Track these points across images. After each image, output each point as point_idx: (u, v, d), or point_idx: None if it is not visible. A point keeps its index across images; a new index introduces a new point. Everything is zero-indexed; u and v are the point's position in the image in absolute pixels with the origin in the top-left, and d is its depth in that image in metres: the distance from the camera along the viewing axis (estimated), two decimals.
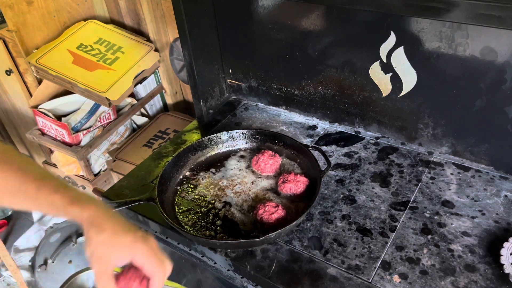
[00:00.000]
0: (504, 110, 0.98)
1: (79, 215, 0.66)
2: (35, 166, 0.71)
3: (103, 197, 1.17)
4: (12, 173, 0.67)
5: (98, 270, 0.65)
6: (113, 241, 0.64)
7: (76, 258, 2.00)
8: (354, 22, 1.08)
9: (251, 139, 1.22)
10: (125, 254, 0.64)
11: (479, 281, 0.84)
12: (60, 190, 0.67)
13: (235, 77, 1.44)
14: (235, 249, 0.96)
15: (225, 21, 1.31)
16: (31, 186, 0.67)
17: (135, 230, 0.66)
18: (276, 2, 1.19)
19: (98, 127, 1.98)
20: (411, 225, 0.97)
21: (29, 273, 2.04)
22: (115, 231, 0.64)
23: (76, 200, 0.66)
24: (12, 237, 2.35)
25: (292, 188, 1.04)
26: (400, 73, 1.08)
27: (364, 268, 0.89)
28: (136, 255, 0.65)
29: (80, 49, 1.96)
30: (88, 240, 0.65)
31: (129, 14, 2.06)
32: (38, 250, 2.05)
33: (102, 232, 0.64)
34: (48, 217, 2.20)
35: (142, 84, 2.04)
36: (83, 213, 0.65)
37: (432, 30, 0.97)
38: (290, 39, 1.23)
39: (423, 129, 1.14)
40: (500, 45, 0.91)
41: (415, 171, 1.11)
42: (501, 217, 0.96)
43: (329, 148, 1.22)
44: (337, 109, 1.27)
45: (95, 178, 2.07)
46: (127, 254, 0.64)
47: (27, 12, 1.89)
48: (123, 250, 0.64)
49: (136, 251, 0.64)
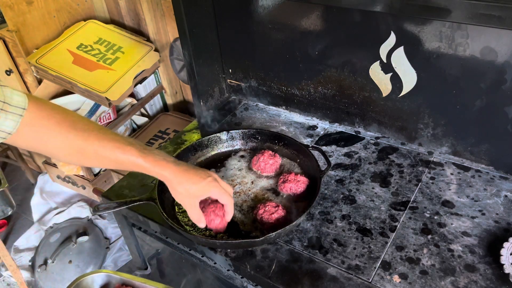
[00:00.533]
0: (504, 110, 0.98)
1: (160, 174, 0.85)
2: (111, 132, 0.85)
3: (103, 197, 1.17)
4: (94, 139, 0.80)
5: (189, 206, 0.89)
6: (192, 186, 0.86)
7: (76, 258, 1.99)
8: (354, 22, 1.08)
9: (251, 139, 1.22)
10: (203, 192, 0.88)
11: (479, 281, 0.84)
12: (143, 155, 0.83)
13: (235, 77, 1.44)
14: (235, 249, 0.96)
15: (225, 21, 1.31)
16: (117, 152, 0.81)
17: (201, 172, 0.88)
18: (276, 2, 1.19)
19: None
20: (411, 225, 0.97)
21: (29, 273, 2.04)
22: (189, 179, 0.86)
23: (156, 161, 0.84)
24: (12, 237, 2.35)
25: (293, 188, 1.04)
26: (400, 73, 1.08)
27: (364, 268, 0.89)
28: (211, 191, 0.88)
29: (80, 49, 1.96)
30: (174, 190, 0.88)
31: (129, 14, 2.06)
32: (38, 250, 2.05)
33: (181, 183, 0.86)
34: (48, 217, 2.20)
35: (142, 84, 2.04)
36: (164, 172, 0.85)
37: (432, 30, 0.97)
38: (290, 39, 1.23)
39: (423, 129, 1.14)
40: (500, 45, 0.91)
41: (415, 171, 1.11)
42: (501, 217, 0.96)
43: (329, 148, 1.22)
44: (337, 109, 1.27)
45: (95, 178, 2.07)
46: (204, 191, 0.88)
47: (27, 12, 1.89)
48: (200, 190, 0.87)
49: (210, 188, 0.87)
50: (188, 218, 1.03)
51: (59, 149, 0.80)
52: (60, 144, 0.79)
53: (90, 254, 2.02)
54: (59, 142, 0.79)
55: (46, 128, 0.77)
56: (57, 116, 0.78)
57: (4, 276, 2.07)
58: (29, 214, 2.36)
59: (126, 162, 0.83)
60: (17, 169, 2.71)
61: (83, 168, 2.02)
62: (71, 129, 0.78)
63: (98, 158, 0.82)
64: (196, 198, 0.88)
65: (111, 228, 2.14)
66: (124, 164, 0.84)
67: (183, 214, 1.04)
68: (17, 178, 2.73)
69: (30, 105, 0.74)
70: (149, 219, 1.08)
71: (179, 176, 0.85)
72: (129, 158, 0.82)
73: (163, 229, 1.07)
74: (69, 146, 0.79)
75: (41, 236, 2.14)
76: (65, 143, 0.79)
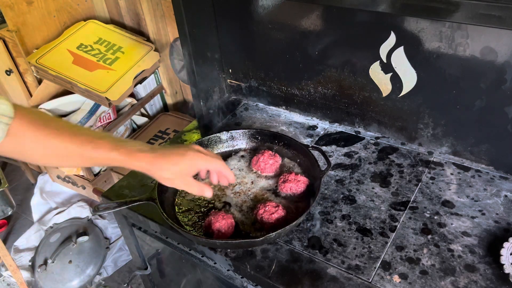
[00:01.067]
0: (504, 110, 0.98)
1: (138, 165, 0.82)
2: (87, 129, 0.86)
3: (103, 197, 1.17)
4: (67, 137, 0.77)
5: (183, 185, 0.87)
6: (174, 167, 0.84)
7: (76, 258, 2.00)
8: (354, 22, 1.08)
9: (251, 139, 1.22)
10: (189, 168, 0.85)
11: (479, 281, 0.84)
12: (116, 147, 0.79)
13: (235, 77, 1.44)
14: (235, 249, 0.96)
15: (225, 21, 1.31)
16: (88, 148, 0.78)
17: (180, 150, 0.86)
18: (276, 2, 1.19)
19: (98, 127, 1.98)
20: (411, 225, 0.97)
21: (29, 273, 2.04)
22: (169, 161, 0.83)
23: (131, 153, 0.80)
24: (12, 237, 2.35)
25: (293, 188, 1.04)
26: (400, 73, 1.08)
27: (364, 268, 0.89)
28: (197, 164, 0.86)
29: (80, 49, 1.96)
30: (159, 177, 0.85)
31: (129, 14, 2.06)
32: (38, 250, 2.05)
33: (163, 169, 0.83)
34: (48, 217, 2.20)
35: (142, 84, 2.04)
36: (140, 163, 0.81)
37: (432, 30, 0.97)
38: (290, 39, 1.23)
39: (423, 129, 1.14)
40: (500, 45, 0.91)
41: (415, 171, 1.11)
42: (501, 217, 0.96)
43: (329, 148, 1.23)
44: (337, 109, 1.27)
45: (95, 178, 2.07)
46: (190, 167, 0.85)
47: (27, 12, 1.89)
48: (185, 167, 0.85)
49: (194, 161, 0.85)
50: (188, 218, 1.03)
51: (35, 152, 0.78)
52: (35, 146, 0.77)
53: (90, 254, 2.02)
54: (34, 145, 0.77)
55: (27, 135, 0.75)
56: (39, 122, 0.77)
57: (4, 276, 2.07)
58: (29, 214, 2.36)
59: (101, 157, 0.80)
60: (17, 169, 2.71)
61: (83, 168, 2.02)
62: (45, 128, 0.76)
63: (73, 157, 0.79)
64: (186, 176, 0.86)
65: (111, 228, 2.14)
66: (100, 160, 0.82)
67: (183, 214, 1.04)
68: (17, 178, 2.73)
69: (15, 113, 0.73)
70: (149, 219, 1.08)
71: (158, 163, 0.82)
72: (103, 153, 0.79)
73: (163, 229, 1.07)
74: (44, 147, 0.77)
75: (41, 236, 2.14)
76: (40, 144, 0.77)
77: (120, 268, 2.13)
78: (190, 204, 1.07)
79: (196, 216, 1.04)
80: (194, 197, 1.09)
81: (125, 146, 0.81)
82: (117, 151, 0.79)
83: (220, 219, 0.94)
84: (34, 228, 2.20)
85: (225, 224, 0.94)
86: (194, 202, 1.08)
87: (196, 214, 1.04)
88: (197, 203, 1.07)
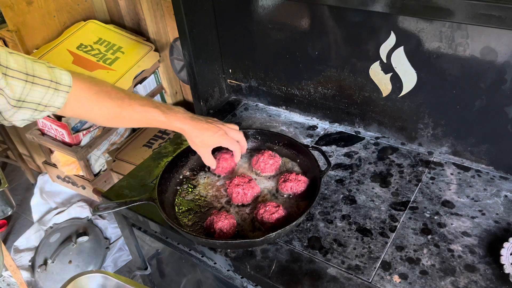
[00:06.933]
0: (504, 110, 0.98)
1: (180, 127, 1.01)
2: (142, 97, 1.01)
3: (103, 197, 1.17)
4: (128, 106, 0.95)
5: (203, 153, 1.07)
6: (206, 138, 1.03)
7: (76, 258, 2.00)
8: (354, 22, 1.08)
9: (251, 139, 1.22)
10: (215, 142, 1.05)
11: (479, 281, 0.84)
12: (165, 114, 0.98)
13: (235, 77, 1.44)
14: (235, 249, 0.96)
15: (225, 21, 1.32)
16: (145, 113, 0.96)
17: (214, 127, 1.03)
18: (276, 2, 1.19)
19: (98, 127, 1.98)
20: (411, 225, 0.97)
21: (29, 273, 2.04)
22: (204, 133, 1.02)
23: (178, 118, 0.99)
24: (12, 237, 2.35)
25: (293, 187, 1.04)
26: (400, 73, 1.08)
27: (364, 268, 0.89)
28: (222, 142, 1.05)
29: (80, 49, 1.96)
30: (191, 141, 1.05)
31: (129, 14, 2.06)
32: (38, 250, 2.05)
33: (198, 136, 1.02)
34: (48, 217, 2.21)
35: (142, 84, 2.04)
36: (183, 126, 1.00)
37: (432, 30, 0.97)
38: (290, 39, 1.23)
39: (423, 129, 1.14)
40: (500, 45, 0.91)
41: (415, 171, 1.11)
42: (501, 217, 0.96)
43: (329, 148, 1.23)
44: (337, 109, 1.27)
45: (95, 178, 2.07)
46: (216, 142, 1.04)
47: (27, 12, 1.89)
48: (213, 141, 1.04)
49: (220, 139, 1.04)
50: (188, 219, 1.03)
51: (98, 116, 0.95)
52: (98, 111, 0.94)
53: (90, 254, 2.02)
54: (97, 110, 0.93)
55: (86, 99, 0.91)
56: (95, 88, 0.92)
57: (4, 276, 2.07)
58: (29, 214, 2.36)
59: (153, 120, 0.98)
60: (17, 169, 2.71)
61: (83, 168, 2.02)
62: (107, 98, 0.93)
63: (131, 120, 0.98)
64: (209, 147, 1.06)
65: (111, 228, 2.14)
66: (152, 122, 0.99)
67: (183, 214, 1.04)
68: (17, 178, 2.73)
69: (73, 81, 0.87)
70: (149, 219, 1.08)
71: (196, 130, 1.01)
72: (155, 117, 0.97)
73: (163, 229, 1.07)
74: (107, 113, 0.94)
75: (41, 236, 2.14)
76: (102, 110, 0.94)
77: (120, 268, 2.13)
78: (190, 204, 1.07)
79: (196, 216, 1.04)
80: (194, 197, 1.09)
81: (172, 112, 0.99)
82: (165, 116, 0.97)
83: (222, 218, 0.94)
84: (34, 228, 2.20)
85: (227, 224, 0.94)
86: (194, 202, 1.08)
87: (196, 214, 1.04)
88: (197, 203, 1.07)
